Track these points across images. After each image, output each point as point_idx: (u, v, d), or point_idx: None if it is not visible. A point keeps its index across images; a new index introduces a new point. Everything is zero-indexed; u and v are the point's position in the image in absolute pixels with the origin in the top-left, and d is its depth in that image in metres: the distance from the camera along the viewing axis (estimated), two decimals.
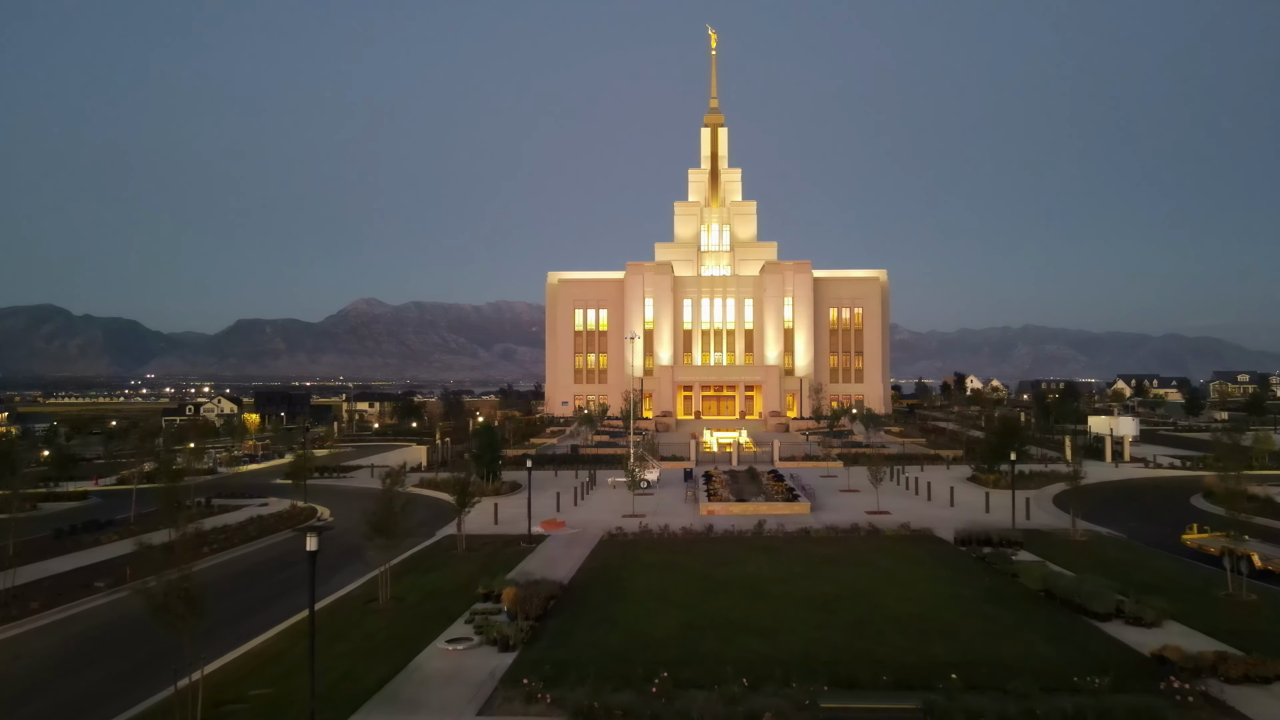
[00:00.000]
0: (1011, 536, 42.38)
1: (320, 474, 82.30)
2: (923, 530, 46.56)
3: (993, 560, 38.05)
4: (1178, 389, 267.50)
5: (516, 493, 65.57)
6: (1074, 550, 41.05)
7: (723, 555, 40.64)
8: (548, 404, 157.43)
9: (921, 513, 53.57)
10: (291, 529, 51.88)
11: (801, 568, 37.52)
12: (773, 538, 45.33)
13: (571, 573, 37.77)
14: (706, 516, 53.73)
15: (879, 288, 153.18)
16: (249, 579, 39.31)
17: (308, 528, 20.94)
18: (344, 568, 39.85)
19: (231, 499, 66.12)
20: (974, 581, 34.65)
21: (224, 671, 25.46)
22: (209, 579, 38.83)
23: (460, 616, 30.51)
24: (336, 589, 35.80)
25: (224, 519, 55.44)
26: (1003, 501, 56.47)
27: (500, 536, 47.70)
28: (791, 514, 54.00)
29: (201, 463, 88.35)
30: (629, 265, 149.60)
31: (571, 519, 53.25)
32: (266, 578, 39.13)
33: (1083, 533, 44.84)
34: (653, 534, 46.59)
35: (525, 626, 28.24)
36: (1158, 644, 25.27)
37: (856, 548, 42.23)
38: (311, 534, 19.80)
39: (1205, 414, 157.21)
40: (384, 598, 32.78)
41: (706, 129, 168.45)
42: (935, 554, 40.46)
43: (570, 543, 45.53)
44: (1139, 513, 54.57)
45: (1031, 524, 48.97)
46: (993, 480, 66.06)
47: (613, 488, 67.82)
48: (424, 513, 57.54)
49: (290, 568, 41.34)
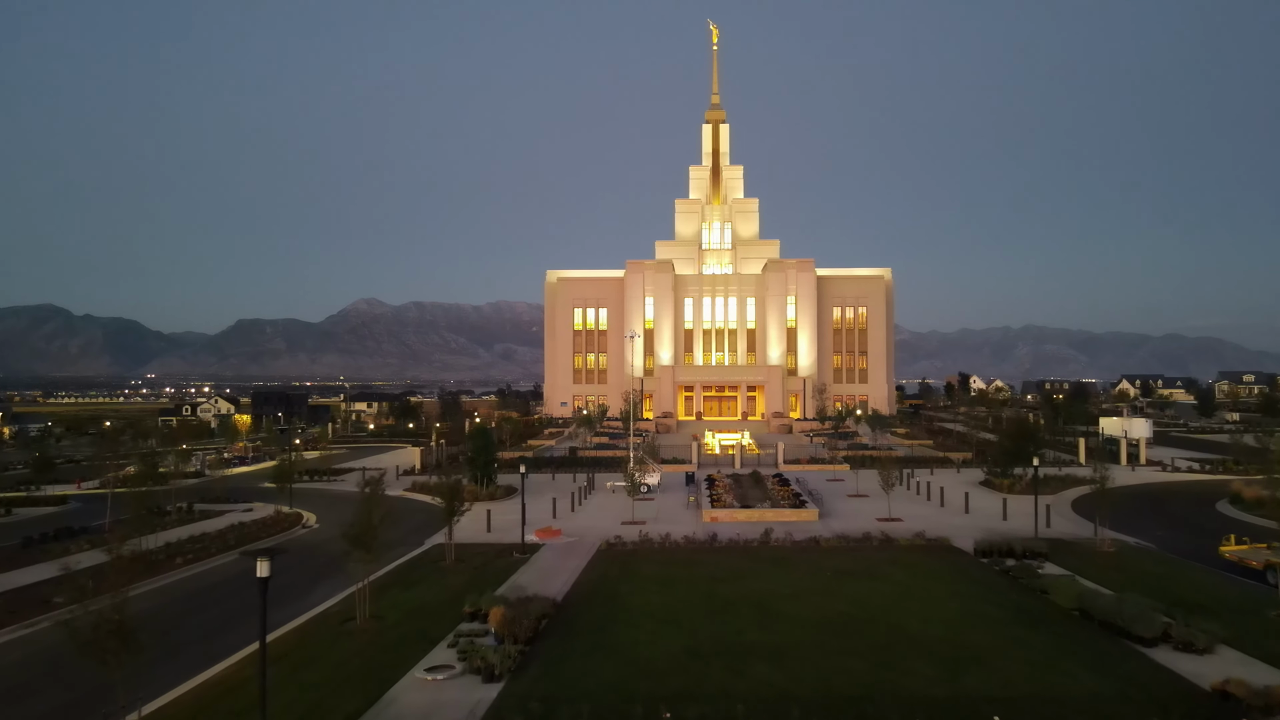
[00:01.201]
0: (1035, 547, 39.75)
1: (310, 477, 79.79)
2: (939, 539, 44.00)
3: (1018, 574, 35.44)
4: (1184, 389, 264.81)
5: (512, 497, 62.92)
6: (1103, 563, 38.41)
7: (728, 567, 38.06)
8: (546, 405, 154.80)
9: (936, 520, 50.98)
10: (270, 537, 49.40)
11: (813, 582, 34.90)
12: (780, 548, 42.76)
13: (566, 587, 35.19)
14: (710, 524, 51.16)
15: (883, 286, 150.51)
16: (222, 593, 36.71)
17: (258, 551, 18.29)
18: (326, 579, 37.31)
19: (215, 504, 63.59)
20: (1000, 599, 32.02)
21: (175, 706, 22.89)
22: (180, 593, 36.63)
23: (443, 639, 27.90)
24: (314, 605, 33.21)
25: (204, 526, 52.86)
26: (1020, 508, 53.94)
27: (492, 545, 45.14)
28: (799, 521, 51.46)
29: (188, 465, 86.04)
30: (629, 263, 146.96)
31: (568, 526, 50.67)
32: (242, 592, 36.46)
33: (1110, 543, 42.20)
34: (653, 543, 44.03)
35: (513, 652, 25.65)
36: (1218, 675, 22.66)
37: (870, 559, 39.62)
38: (263, 558, 17.23)
39: (1217, 415, 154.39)
40: (362, 617, 30.19)
41: (708, 125, 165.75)
42: (955, 567, 37.82)
43: (566, 553, 42.95)
44: (1164, 520, 51.89)
45: (1052, 532, 46.38)
46: (1007, 485, 63.46)
47: (611, 492, 65.27)
48: (415, 518, 55.05)
49: (270, 579, 38.69)
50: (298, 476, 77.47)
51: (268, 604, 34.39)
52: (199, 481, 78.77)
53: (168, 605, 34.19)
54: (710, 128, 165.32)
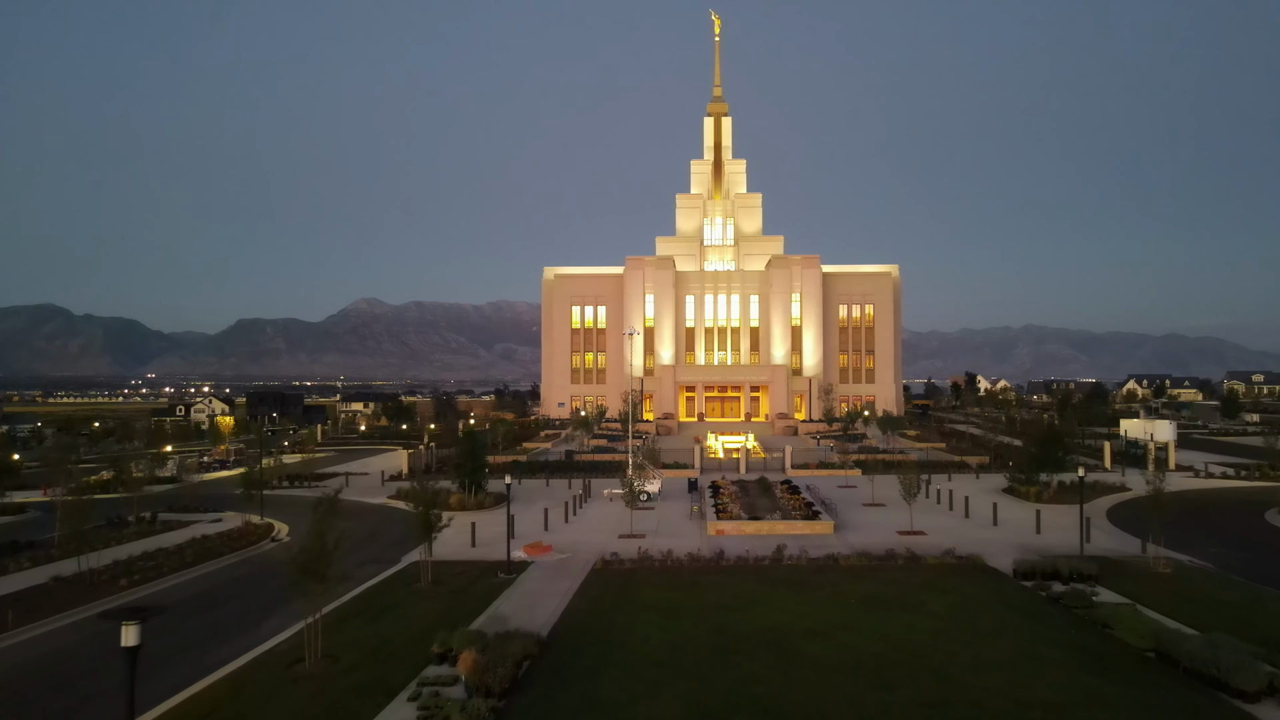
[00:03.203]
0: (1083, 569, 35.25)
1: (290, 483, 75.42)
2: (970, 557, 39.52)
3: (1070, 602, 30.97)
4: (1195, 389, 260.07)
5: (503, 506, 58.34)
6: (1162, 587, 33.94)
7: (738, 592, 33.63)
8: (543, 405, 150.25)
9: (963, 534, 46.54)
10: (233, 551, 45.00)
11: (838, 613, 30.43)
12: (795, 567, 38.33)
13: (554, 618, 30.75)
14: (715, 538, 46.76)
15: (891, 283, 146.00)
16: (165, 621, 32.04)
17: (122, 611, 13.73)
18: (287, 604, 32.61)
19: (184, 513, 59.08)
20: (1057, 635, 27.54)
21: None
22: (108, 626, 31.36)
23: (404, 689, 23.46)
24: (261, 640, 28.75)
25: (163, 540, 48.33)
26: (1053, 519, 49.56)
27: (475, 563, 40.75)
28: (812, 534, 47.03)
29: (164, 469, 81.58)
30: (628, 259, 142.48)
31: (560, 540, 46.26)
32: (182, 622, 32.03)
33: (1165, 562, 37.73)
34: (653, 562, 39.61)
35: (484, 710, 21.22)
36: None
37: (898, 582, 35.17)
38: (129, 623, 12.78)
39: (1237, 417, 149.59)
40: (312, 657, 25.76)
41: (709, 118, 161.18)
42: (998, 594, 33.33)
43: (556, 573, 38.54)
44: (1212, 533, 47.35)
45: (1093, 548, 41.92)
46: (1034, 493, 59.00)
47: (609, 501, 60.84)
48: (395, 530, 50.67)
49: (219, 607, 34.35)
50: (277, 482, 73.34)
51: (221, 633, 30.13)
52: (174, 487, 74.24)
53: (84, 644, 29.57)
54: (712, 121, 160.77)
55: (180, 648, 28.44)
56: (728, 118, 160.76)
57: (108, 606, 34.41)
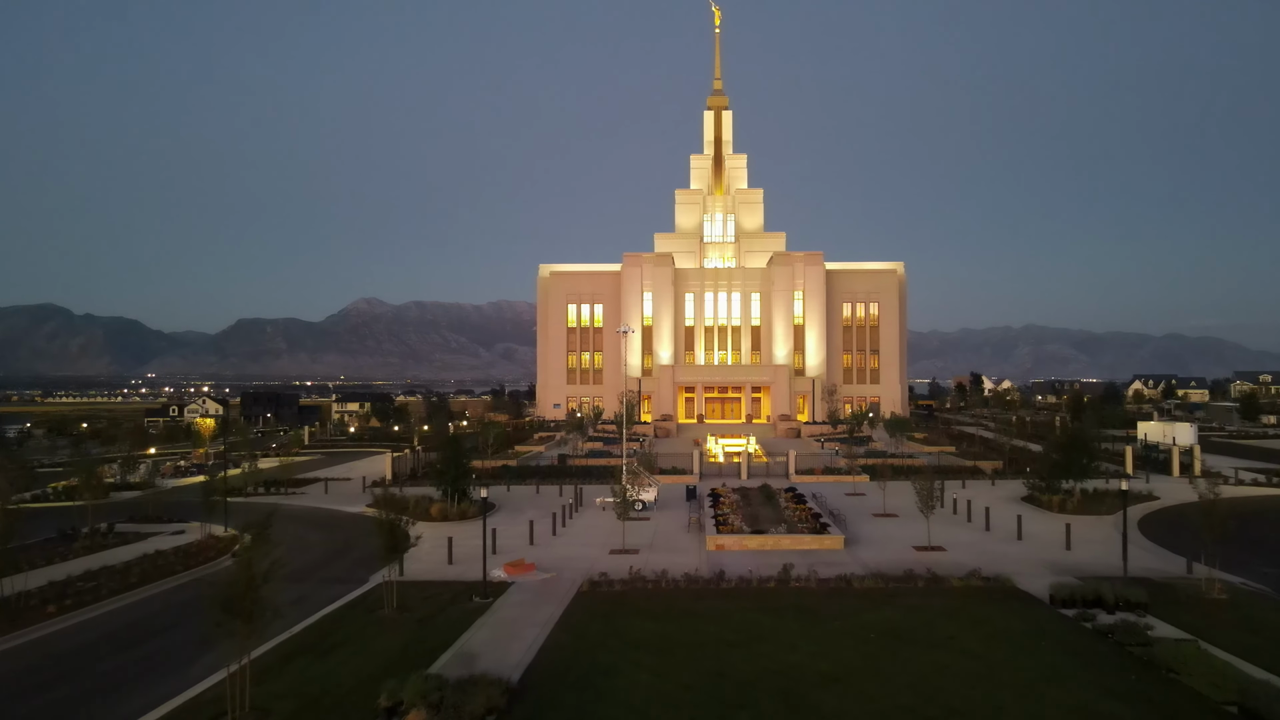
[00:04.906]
0: (1131, 595, 31.23)
1: (266, 489, 71.41)
2: (998, 579, 35.48)
3: (1124, 639, 26.94)
4: (1202, 389, 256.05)
5: (490, 515, 54.40)
6: (1223, 618, 29.90)
7: (741, 622, 29.65)
8: (539, 406, 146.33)
9: (986, 549, 42.55)
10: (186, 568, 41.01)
11: (855, 651, 26.44)
12: (804, 591, 34.33)
13: (529, 656, 26.76)
14: (715, 553, 42.79)
15: (896, 281, 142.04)
16: (85, 657, 28.12)
17: None
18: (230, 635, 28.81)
19: (145, 524, 55.16)
20: (1114, 682, 23.55)
21: None
22: (17, 664, 27.24)
23: None
24: (186, 686, 24.69)
25: (112, 555, 44.24)
26: (1083, 533, 45.60)
27: (450, 584, 36.83)
28: (821, 550, 43.02)
29: (137, 474, 77.63)
30: (626, 256, 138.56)
31: (546, 556, 42.29)
32: (110, 656, 28.05)
33: (1220, 587, 33.68)
34: (646, 583, 35.63)
35: None
36: None
37: (920, 609, 31.16)
38: None
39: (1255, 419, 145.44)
40: (237, 710, 21.80)
41: (710, 112, 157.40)
42: (1036, 626, 29.28)
43: (538, 597, 34.56)
44: (1258, 549, 43.24)
45: (1133, 566, 37.80)
46: (1057, 502, 55.01)
47: (601, 509, 56.82)
48: (368, 545, 46.19)
49: (150, 639, 30.30)
50: (252, 489, 69.39)
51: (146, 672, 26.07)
52: (145, 494, 70.08)
53: None
54: (712, 114, 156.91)
55: (80, 698, 24.31)
56: (728, 111, 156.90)
57: (29, 638, 30.65)
